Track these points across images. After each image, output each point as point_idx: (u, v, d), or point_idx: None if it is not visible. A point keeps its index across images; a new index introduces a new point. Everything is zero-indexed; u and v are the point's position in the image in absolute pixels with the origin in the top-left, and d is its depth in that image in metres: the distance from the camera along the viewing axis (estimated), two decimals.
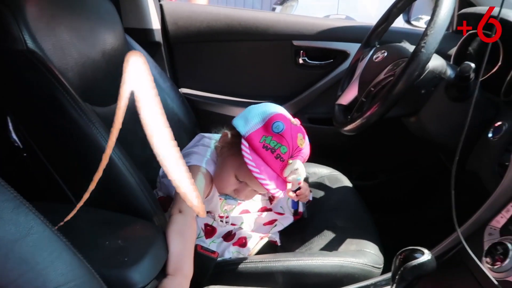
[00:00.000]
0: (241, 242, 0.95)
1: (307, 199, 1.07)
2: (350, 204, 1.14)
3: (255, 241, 0.95)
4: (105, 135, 0.78)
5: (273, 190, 0.82)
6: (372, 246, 0.95)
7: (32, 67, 0.77)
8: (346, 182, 1.24)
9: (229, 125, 0.90)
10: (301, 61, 1.37)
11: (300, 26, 1.35)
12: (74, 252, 0.53)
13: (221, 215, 1.02)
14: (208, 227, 0.98)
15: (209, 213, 1.00)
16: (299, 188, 1.02)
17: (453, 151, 1.01)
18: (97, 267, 0.55)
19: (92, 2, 1.08)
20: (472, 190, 0.99)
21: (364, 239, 0.97)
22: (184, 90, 1.49)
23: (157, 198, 0.98)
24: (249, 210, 1.07)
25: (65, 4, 0.96)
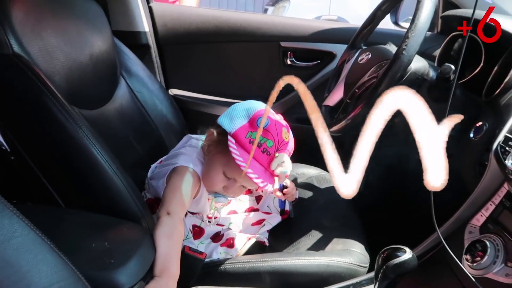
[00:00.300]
0: (229, 243, 0.96)
1: (293, 198, 1.08)
2: (338, 204, 1.15)
3: (243, 241, 0.96)
4: (92, 138, 0.79)
5: (262, 184, 0.83)
6: (358, 245, 0.96)
7: (18, 71, 0.78)
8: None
9: (215, 124, 0.92)
10: (289, 62, 1.40)
11: (287, 27, 1.38)
12: (58, 254, 0.53)
13: (210, 216, 1.03)
14: (196, 228, 0.99)
15: (198, 214, 1.01)
16: (286, 187, 1.04)
17: None
18: (83, 269, 0.56)
19: (79, 5, 1.08)
20: (453, 189, 1.01)
21: (351, 238, 0.99)
22: (174, 91, 1.50)
23: (146, 200, 0.99)
24: (237, 211, 1.08)
25: (51, 8, 0.96)
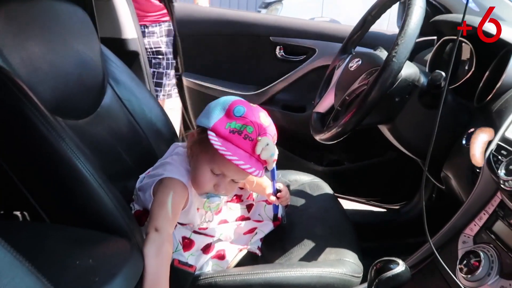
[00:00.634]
0: (220, 255, 0.94)
1: (287, 202, 1.06)
2: (330, 212, 1.14)
3: (234, 253, 0.94)
4: (75, 150, 0.76)
5: (250, 170, 0.82)
6: (351, 254, 0.94)
7: None
8: (327, 189, 1.24)
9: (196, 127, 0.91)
10: (279, 55, 1.51)
11: (277, 24, 1.51)
12: (37, 277, 0.51)
13: (201, 227, 1.01)
14: (186, 240, 0.97)
15: (187, 225, 0.99)
16: (279, 191, 1.02)
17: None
18: None
19: (64, 12, 1.06)
20: (446, 196, 1.00)
21: (344, 247, 0.97)
22: (188, 77, 1.60)
23: (134, 211, 0.96)
24: (227, 220, 1.06)
25: (35, 15, 0.94)
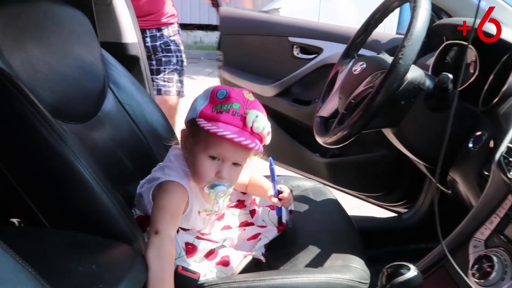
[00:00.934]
0: (224, 261, 0.92)
1: (290, 203, 1.05)
2: (334, 217, 1.12)
3: (239, 259, 0.92)
4: (77, 154, 0.75)
5: (246, 142, 0.81)
6: (358, 260, 0.93)
7: None
8: (330, 195, 1.22)
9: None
10: (296, 54, 1.63)
11: (295, 25, 1.66)
12: (41, 282, 0.50)
13: (203, 233, 0.99)
14: (189, 246, 0.95)
15: (190, 230, 0.97)
16: (281, 192, 1.00)
17: (434, 160, 1.02)
18: None
19: (65, 16, 1.05)
20: (453, 199, 0.99)
21: (349, 253, 0.96)
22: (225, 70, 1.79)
23: (136, 217, 0.95)
24: (231, 226, 1.04)
25: (35, 18, 0.93)
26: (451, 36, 1.09)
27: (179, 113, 2.06)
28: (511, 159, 0.68)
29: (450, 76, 0.86)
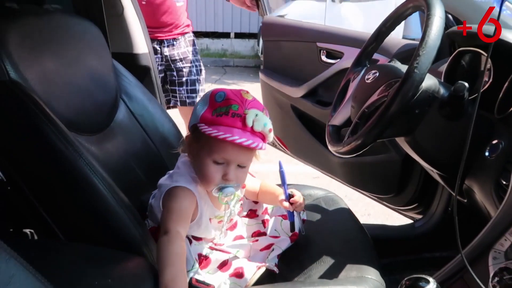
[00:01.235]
0: (238, 273, 0.91)
1: (302, 207, 1.03)
2: (347, 227, 1.11)
3: (252, 271, 0.92)
4: (93, 167, 0.75)
5: (247, 143, 0.81)
6: (373, 271, 0.92)
7: (15, 98, 0.75)
8: (342, 204, 1.21)
9: None
10: (323, 58, 1.70)
11: (321, 31, 1.74)
12: None
13: (216, 243, 0.98)
14: (201, 257, 0.94)
15: (202, 240, 0.97)
16: (292, 196, 1.00)
17: (448, 169, 1.00)
18: None
19: (77, 28, 1.06)
20: (469, 209, 0.98)
21: (364, 263, 0.94)
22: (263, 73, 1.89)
23: (149, 228, 0.94)
24: (243, 236, 1.04)
25: (49, 31, 0.94)
26: (463, 43, 1.09)
27: None
28: None
29: (466, 84, 0.85)
